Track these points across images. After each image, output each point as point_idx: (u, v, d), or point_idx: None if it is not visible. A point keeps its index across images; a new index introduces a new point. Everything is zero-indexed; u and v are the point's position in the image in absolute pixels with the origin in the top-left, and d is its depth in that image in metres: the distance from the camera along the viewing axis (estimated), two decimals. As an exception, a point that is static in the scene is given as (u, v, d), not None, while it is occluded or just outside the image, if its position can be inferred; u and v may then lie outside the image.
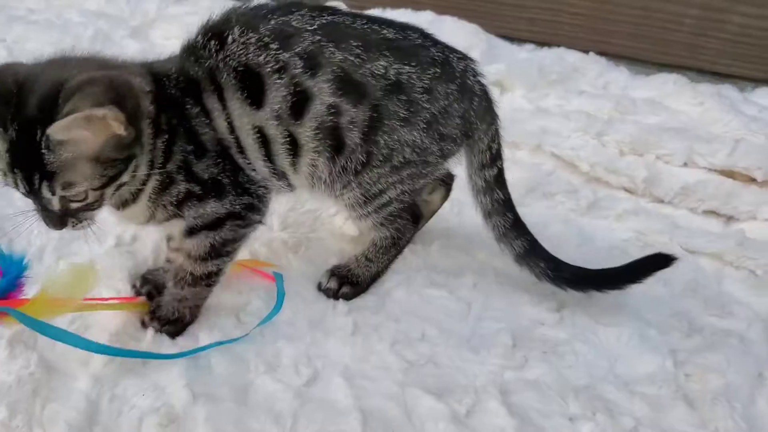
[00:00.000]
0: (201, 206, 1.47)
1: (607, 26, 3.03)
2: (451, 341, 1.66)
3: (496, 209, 1.74)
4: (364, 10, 2.97)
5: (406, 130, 1.54)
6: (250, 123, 1.47)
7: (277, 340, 1.61)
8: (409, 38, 1.56)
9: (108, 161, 1.27)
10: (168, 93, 1.41)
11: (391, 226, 1.75)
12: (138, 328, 1.60)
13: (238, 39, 1.43)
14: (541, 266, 1.72)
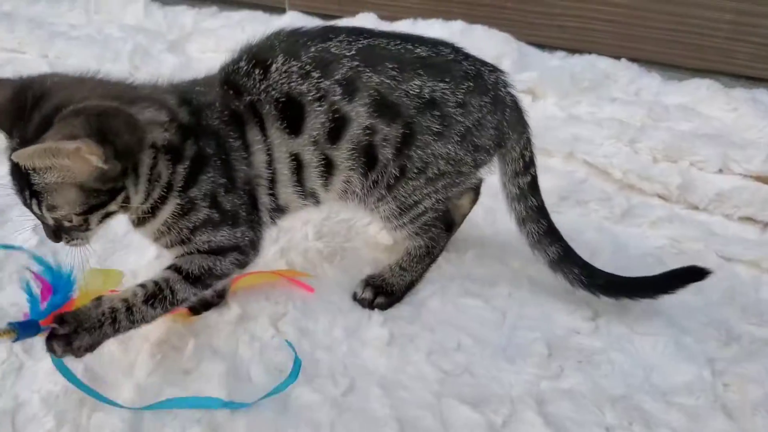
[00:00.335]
0: (214, 233, 1.48)
1: (639, 32, 3.01)
2: (487, 351, 1.67)
3: (530, 216, 1.76)
4: (395, 21, 3.02)
5: (440, 143, 1.57)
6: (287, 151, 1.50)
7: (314, 350, 1.63)
8: (442, 54, 1.59)
9: (91, 191, 1.28)
10: (208, 124, 1.44)
11: (425, 235, 1.77)
12: (180, 338, 1.63)
13: (281, 68, 1.47)
14: (575, 272, 1.74)
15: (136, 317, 1.45)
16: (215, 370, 1.55)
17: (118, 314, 1.43)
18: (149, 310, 1.46)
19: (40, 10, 3.45)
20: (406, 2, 3.20)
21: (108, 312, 1.42)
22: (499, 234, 1.97)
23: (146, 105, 1.35)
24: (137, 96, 1.38)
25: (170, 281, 1.48)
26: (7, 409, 1.46)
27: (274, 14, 3.31)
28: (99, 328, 1.41)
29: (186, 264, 1.50)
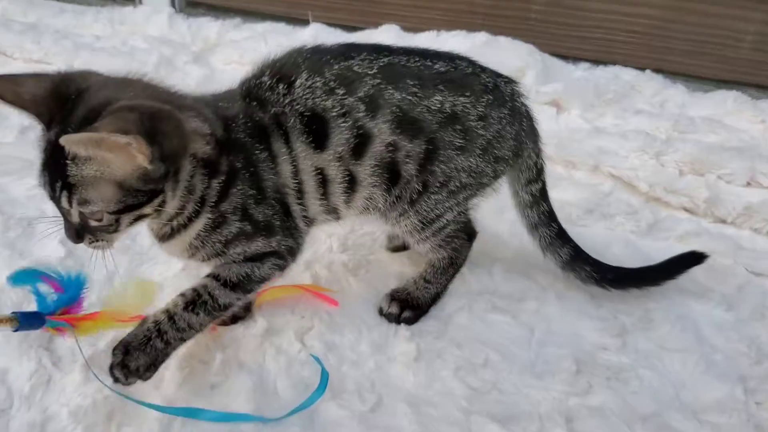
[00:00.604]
0: (248, 244, 1.49)
1: (663, 43, 3.00)
2: (515, 367, 1.65)
3: (542, 221, 1.82)
4: (417, 32, 3.02)
5: (462, 157, 1.59)
6: (313, 165, 1.50)
7: (341, 364, 1.63)
8: (460, 68, 1.61)
9: (131, 189, 1.26)
10: (235, 137, 1.44)
11: (448, 246, 1.77)
12: (207, 351, 1.63)
13: (305, 83, 1.47)
14: (586, 270, 1.81)
15: (180, 325, 1.46)
16: (242, 384, 1.55)
17: (162, 326, 1.45)
18: (192, 316, 1.47)
19: (66, 21, 3.48)
20: (429, 14, 3.21)
21: (152, 326, 1.45)
22: (526, 249, 1.95)
23: (192, 114, 1.35)
24: (183, 104, 1.38)
25: (208, 287, 1.50)
26: (36, 422, 1.46)
27: (298, 26, 3.32)
28: (148, 342, 1.43)
29: (224, 271, 1.51)
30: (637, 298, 1.87)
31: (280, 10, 3.46)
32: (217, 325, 1.69)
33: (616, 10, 3.01)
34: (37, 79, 1.29)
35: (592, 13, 3.04)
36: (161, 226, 1.44)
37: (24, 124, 2.54)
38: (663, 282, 1.85)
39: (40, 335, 1.64)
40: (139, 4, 3.67)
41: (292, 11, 3.42)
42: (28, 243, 1.96)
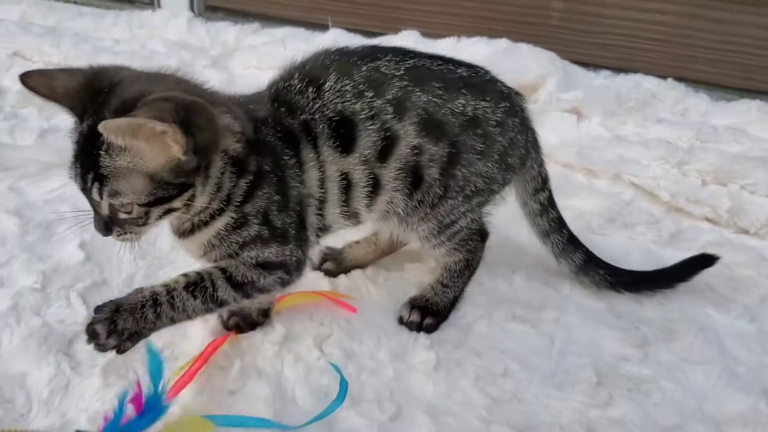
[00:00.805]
0: (263, 249, 1.47)
1: (686, 51, 2.98)
2: (535, 377, 1.64)
3: (552, 228, 1.85)
4: (437, 39, 3.01)
5: (482, 162, 1.59)
6: (338, 170, 1.49)
7: (360, 373, 1.62)
8: (479, 74, 1.63)
9: (162, 182, 1.26)
10: (264, 140, 1.43)
11: (463, 249, 1.76)
12: (226, 357, 1.62)
13: (334, 86, 1.47)
14: (600, 273, 1.84)
15: (176, 303, 1.41)
16: (260, 391, 1.54)
17: (159, 297, 1.40)
18: (189, 298, 1.42)
19: (85, 24, 3.50)
20: (449, 20, 3.20)
21: (149, 295, 1.40)
22: (546, 258, 1.94)
23: (223, 110, 1.34)
24: (215, 100, 1.38)
25: (213, 276, 1.46)
26: (55, 427, 1.45)
27: (317, 31, 3.32)
28: (140, 309, 1.37)
29: (231, 268, 1.48)
30: (658, 308, 1.86)
31: (299, 15, 3.47)
32: (236, 332, 1.69)
33: (636, 18, 3.00)
34: (70, 72, 1.30)
35: (613, 20, 3.02)
36: (182, 221, 1.43)
37: (43, 127, 2.56)
38: (676, 284, 1.88)
39: (59, 338, 1.65)
40: (158, 8, 3.69)
41: (311, 16, 3.43)
42: (46, 246, 1.97)
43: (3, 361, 1.60)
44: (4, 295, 1.76)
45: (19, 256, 1.90)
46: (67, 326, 1.69)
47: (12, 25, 3.26)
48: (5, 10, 3.60)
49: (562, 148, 2.53)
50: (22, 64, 3.04)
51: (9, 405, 1.50)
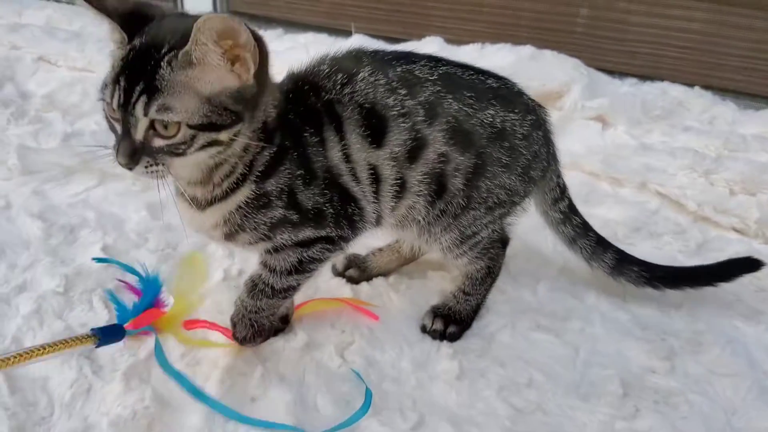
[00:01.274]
0: (295, 232, 1.46)
1: (713, 59, 2.95)
2: (559, 388, 1.61)
3: (578, 233, 1.85)
4: (461, 45, 3.01)
5: (506, 175, 1.58)
6: (365, 160, 1.47)
7: (382, 381, 1.60)
8: (508, 86, 1.62)
9: (219, 106, 1.23)
10: (287, 117, 1.41)
11: (485, 257, 1.75)
12: (248, 364, 1.62)
13: (368, 78, 1.46)
14: (635, 271, 1.82)
15: (251, 309, 1.58)
16: (282, 397, 1.54)
17: (239, 309, 1.61)
18: (257, 302, 1.57)
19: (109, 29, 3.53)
20: (474, 26, 3.20)
21: (237, 306, 1.62)
22: (570, 268, 1.92)
23: None
24: None
25: (262, 277, 1.55)
26: (77, 430, 1.45)
27: (340, 37, 3.33)
28: (242, 319, 1.60)
29: (271, 260, 1.52)
30: (685, 320, 1.83)
31: (322, 21, 3.48)
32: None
33: (663, 25, 2.97)
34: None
35: (639, 28, 3.00)
36: (212, 189, 1.39)
37: (67, 131, 2.58)
38: (716, 283, 1.83)
39: (80, 343, 1.65)
40: (182, 13, 3.72)
41: (335, 22, 3.44)
42: (69, 250, 1.98)
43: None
44: (28, 299, 1.77)
45: (42, 260, 1.92)
46: (89, 330, 1.69)
47: (37, 30, 3.30)
48: (31, 15, 3.65)
49: (587, 156, 2.51)
50: (47, 68, 3.08)
51: (31, 408, 1.50)
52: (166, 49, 1.20)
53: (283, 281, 1.54)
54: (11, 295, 1.80)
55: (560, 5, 3.06)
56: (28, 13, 3.68)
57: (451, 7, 3.22)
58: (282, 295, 1.58)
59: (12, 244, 1.98)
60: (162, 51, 1.19)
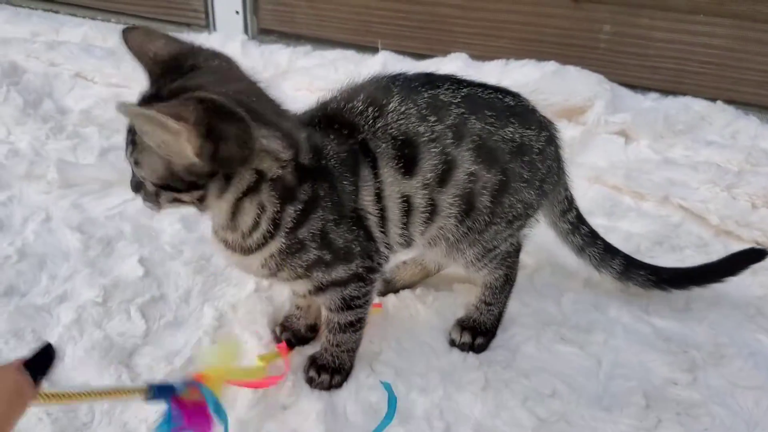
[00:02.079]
0: (329, 271, 1.49)
1: (736, 74, 2.95)
2: (583, 399, 1.65)
3: (586, 242, 1.90)
4: (485, 61, 3.05)
5: (526, 190, 1.61)
6: (399, 192, 1.50)
7: (409, 391, 1.65)
8: (523, 104, 1.65)
9: (174, 174, 1.26)
10: (323, 165, 1.42)
11: (503, 265, 1.78)
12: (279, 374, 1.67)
13: (398, 108, 1.48)
14: (641, 274, 1.88)
15: (333, 344, 1.66)
16: (312, 407, 1.59)
17: (324, 348, 1.68)
18: (336, 337, 1.64)
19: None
20: (498, 42, 3.23)
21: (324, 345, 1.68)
22: (594, 280, 1.95)
23: (277, 135, 1.31)
24: (275, 122, 1.33)
25: (329, 317, 1.63)
26: (116, 436, 1.52)
27: (366, 54, 3.37)
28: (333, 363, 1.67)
29: (327, 302, 1.58)
30: (707, 332, 1.86)
31: (349, 38, 3.52)
32: (288, 348, 1.75)
33: (686, 41, 2.98)
34: (168, 41, 1.33)
35: (662, 44, 3.01)
36: (242, 237, 1.41)
37: (104, 146, 2.65)
38: (724, 279, 1.87)
39: (120, 351, 1.72)
40: (213, 31, 3.78)
41: (362, 39, 3.48)
42: (107, 261, 2.05)
43: (67, 371, 1.67)
44: (68, 309, 1.84)
45: (81, 271, 1.99)
46: (128, 339, 1.76)
47: (74, 47, 3.37)
48: (68, 32, 3.72)
49: (610, 170, 2.53)
50: (83, 84, 3.14)
51: (72, 414, 1.57)
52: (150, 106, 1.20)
53: (341, 317, 1.60)
54: (52, 305, 1.87)
55: (583, 22, 3.08)
56: (65, 30, 3.75)
57: (475, 24, 3.25)
58: (352, 329, 1.64)
59: (52, 256, 2.06)
60: None
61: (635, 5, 2.99)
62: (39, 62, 3.27)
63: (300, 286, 1.55)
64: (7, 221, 2.20)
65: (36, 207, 2.27)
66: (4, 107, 2.83)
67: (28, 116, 2.79)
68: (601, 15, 3.07)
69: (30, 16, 3.97)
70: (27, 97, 2.92)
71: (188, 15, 3.85)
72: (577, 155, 2.63)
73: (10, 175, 2.42)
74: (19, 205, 2.28)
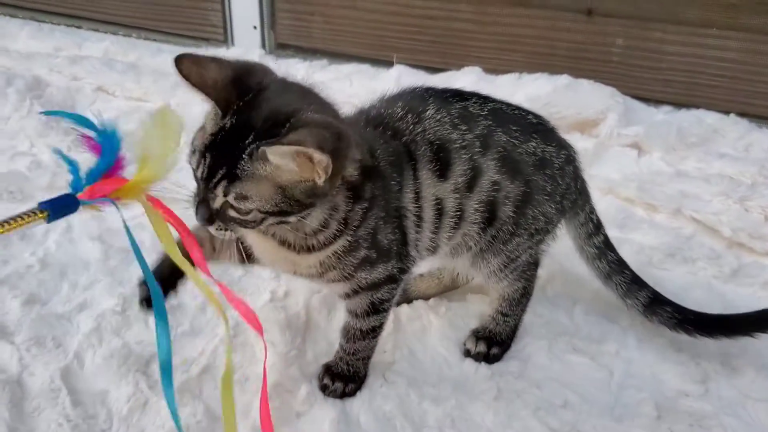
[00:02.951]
0: (372, 270, 1.54)
1: (749, 87, 2.96)
2: (594, 409, 1.66)
3: (613, 269, 1.87)
4: (499, 75, 3.07)
5: (548, 203, 1.67)
6: (434, 194, 1.56)
7: (422, 401, 1.67)
8: (544, 123, 1.72)
9: (291, 198, 1.27)
10: (378, 165, 1.48)
11: (522, 278, 1.81)
12: (294, 381, 1.70)
13: (434, 116, 1.56)
14: (667, 311, 1.82)
15: (348, 352, 1.68)
16: (326, 415, 1.62)
17: (339, 355, 1.70)
18: (353, 344, 1.68)
19: (163, 60, 3.63)
20: (511, 56, 3.25)
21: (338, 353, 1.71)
22: (606, 291, 1.96)
23: (356, 142, 1.38)
24: (347, 124, 1.40)
25: (350, 323, 1.67)
26: (134, 441, 1.55)
27: (382, 68, 3.41)
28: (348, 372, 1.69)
29: (351, 306, 1.63)
30: (719, 344, 1.84)
31: (364, 52, 3.56)
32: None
33: (698, 54, 2.99)
34: (219, 64, 1.30)
35: (675, 57, 3.02)
36: (305, 237, 1.44)
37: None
38: (752, 334, 1.74)
39: (138, 359, 1.75)
40: (231, 45, 3.83)
41: (377, 53, 3.51)
42: (126, 271, 2.07)
43: (86, 378, 1.71)
44: (88, 317, 1.88)
45: (101, 280, 2.03)
46: (146, 347, 1.79)
47: (96, 62, 3.42)
48: (90, 47, 3.78)
49: (623, 183, 2.55)
50: (104, 98, 3.20)
51: (92, 420, 1.61)
52: (251, 139, 1.22)
53: (365, 323, 1.64)
54: (73, 314, 1.90)
55: (596, 35, 3.10)
56: (88, 45, 3.81)
57: (489, 38, 3.28)
58: (372, 335, 1.67)
59: (73, 265, 2.10)
60: (246, 140, 1.22)
61: (648, 19, 3.01)
62: (62, 76, 3.33)
63: (340, 287, 1.59)
64: (29, 231, 2.23)
65: (57, 218, 2.31)
66: (27, 120, 2.89)
67: (50, 129, 2.83)
68: (613, 29, 3.09)
69: (53, 31, 4.04)
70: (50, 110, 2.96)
71: (207, 30, 3.90)
72: (590, 167, 2.63)
73: (33, 187, 2.46)
74: (42, 216, 2.32)
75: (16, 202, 2.38)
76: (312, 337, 1.87)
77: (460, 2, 3.28)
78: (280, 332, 1.84)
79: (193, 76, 1.27)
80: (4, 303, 1.92)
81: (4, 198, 2.40)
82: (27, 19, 4.19)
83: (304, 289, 1.98)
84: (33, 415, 1.61)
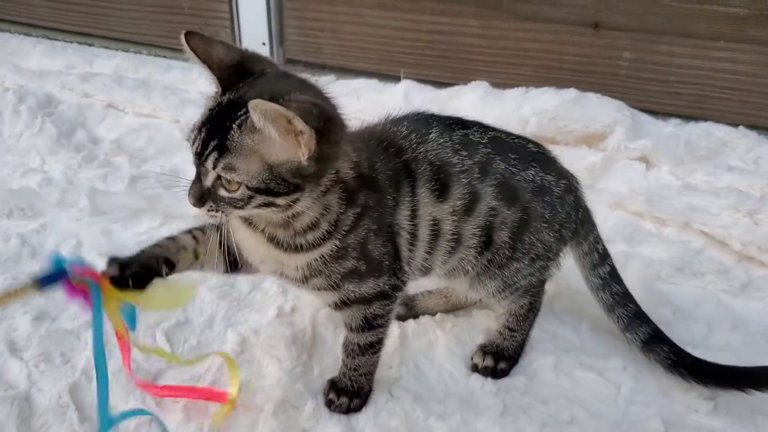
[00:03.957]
0: (361, 283, 1.55)
1: (758, 99, 2.95)
2: (602, 425, 1.66)
3: (617, 301, 1.86)
4: (506, 89, 3.08)
5: (546, 231, 1.68)
6: (431, 214, 1.57)
7: (428, 417, 1.66)
8: (545, 152, 1.75)
9: (278, 176, 1.29)
10: (374, 177, 1.50)
11: (527, 294, 1.81)
12: (300, 397, 1.70)
13: (438, 138, 1.59)
14: (664, 350, 1.79)
15: (350, 368, 1.69)
16: (332, 430, 1.62)
17: (342, 372, 1.71)
18: (353, 360, 1.69)
19: (173, 77, 3.68)
20: (518, 70, 3.26)
21: (341, 370, 1.72)
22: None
23: (350, 138, 1.43)
24: None
25: (348, 338, 1.68)
26: (142, 457, 1.55)
27: (389, 83, 3.43)
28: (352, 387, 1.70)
29: (348, 319, 1.64)
30: (727, 359, 1.81)
31: (372, 67, 3.57)
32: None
33: (707, 67, 2.99)
34: (227, 48, 1.37)
35: (683, 70, 3.02)
36: (294, 235, 1.45)
37: (134, 175, 2.71)
38: (751, 390, 1.68)
39: (146, 374, 1.76)
40: (240, 61, 3.86)
41: (384, 68, 3.53)
42: (135, 287, 2.08)
43: (94, 395, 1.68)
44: (97, 333, 1.88)
45: (110, 297, 2.03)
46: (153, 363, 1.80)
47: (107, 79, 3.45)
48: (101, 64, 3.83)
49: (631, 196, 2.54)
50: (115, 115, 3.22)
51: (103, 434, 1.61)
52: (243, 111, 1.25)
53: (361, 338, 1.65)
54: (81, 330, 1.91)
55: (604, 49, 3.10)
56: (99, 62, 3.86)
57: (496, 53, 3.29)
58: (371, 351, 1.68)
59: (82, 282, 2.10)
60: (239, 112, 1.26)
61: (655, 32, 3.02)
62: (73, 93, 3.36)
63: (328, 296, 1.59)
64: (39, 248, 2.26)
65: (67, 234, 2.34)
66: (39, 137, 2.91)
67: (61, 146, 2.86)
68: (621, 42, 3.09)
69: (65, 49, 4.09)
70: (61, 127, 3.00)
71: (216, 46, 3.93)
72: (598, 181, 2.65)
73: (44, 203, 2.48)
74: (52, 232, 2.35)
75: (26, 219, 2.41)
76: (318, 353, 1.87)
77: (467, 17, 3.29)
78: (286, 348, 1.84)
79: (199, 50, 1.35)
80: (14, 319, 1.93)
81: (15, 215, 2.42)
82: (40, 38, 4.25)
83: (311, 304, 1.99)
84: (41, 431, 1.62)
